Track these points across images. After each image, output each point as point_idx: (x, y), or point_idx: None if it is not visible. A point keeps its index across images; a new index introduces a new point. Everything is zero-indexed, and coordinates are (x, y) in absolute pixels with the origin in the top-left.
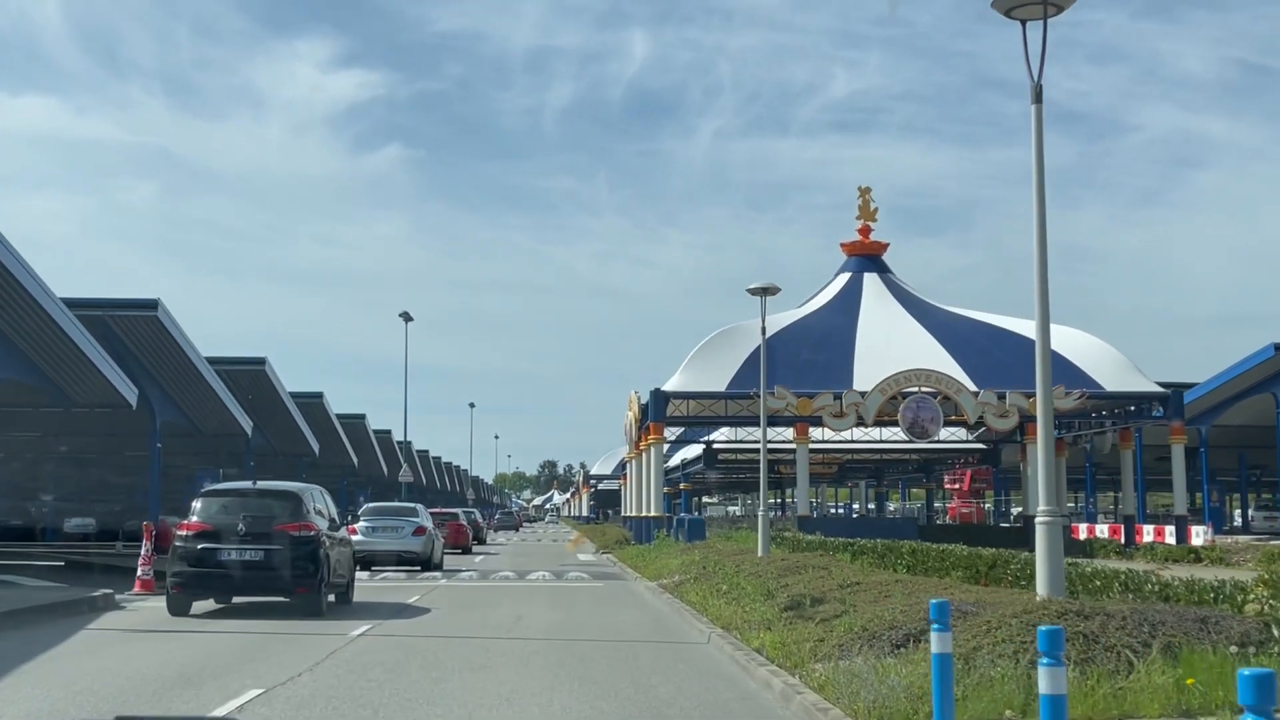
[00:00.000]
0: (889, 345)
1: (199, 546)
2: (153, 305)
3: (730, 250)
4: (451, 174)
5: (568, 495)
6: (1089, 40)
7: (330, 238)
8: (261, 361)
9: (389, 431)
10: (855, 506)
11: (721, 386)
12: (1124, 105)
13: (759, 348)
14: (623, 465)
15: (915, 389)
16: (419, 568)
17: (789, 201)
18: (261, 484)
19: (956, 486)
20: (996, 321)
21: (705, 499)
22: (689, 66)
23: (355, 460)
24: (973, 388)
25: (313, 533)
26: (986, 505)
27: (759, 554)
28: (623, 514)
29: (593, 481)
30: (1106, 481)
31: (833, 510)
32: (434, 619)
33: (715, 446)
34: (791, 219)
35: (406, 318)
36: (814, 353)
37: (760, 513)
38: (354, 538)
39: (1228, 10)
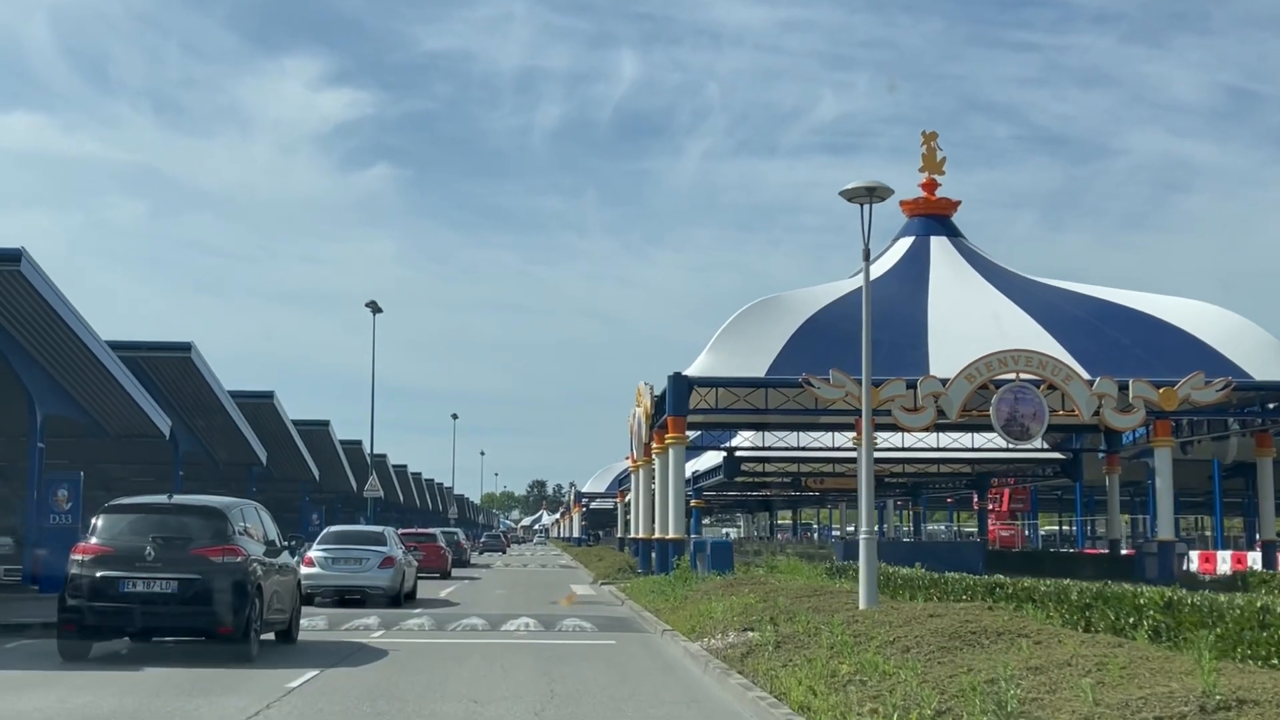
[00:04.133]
0: (969, 322)
1: (97, 575)
2: (186, 348)
3: (718, 271)
4: (440, 194)
5: (557, 515)
6: (1076, 64)
7: (318, 257)
8: (187, 347)
9: (359, 442)
10: (883, 528)
11: (760, 372)
12: (1111, 129)
13: (808, 323)
14: (621, 480)
15: (1012, 376)
16: (386, 604)
17: (777, 223)
18: (179, 498)
19: (993, 506)
20: (1108, 295)
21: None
22: (678, 88)
23: (316, 473)
24: (1085, 375)
25: (239, 558)
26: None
27: (861, 604)
28: (620, 535)
29: (584, 500)
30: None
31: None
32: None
33: (739, 454)
34: (779, 240)
35: (374, 308)
36: (876, 331)
37: (863, 537)
38: (309, 570)
39: (1215, 35)
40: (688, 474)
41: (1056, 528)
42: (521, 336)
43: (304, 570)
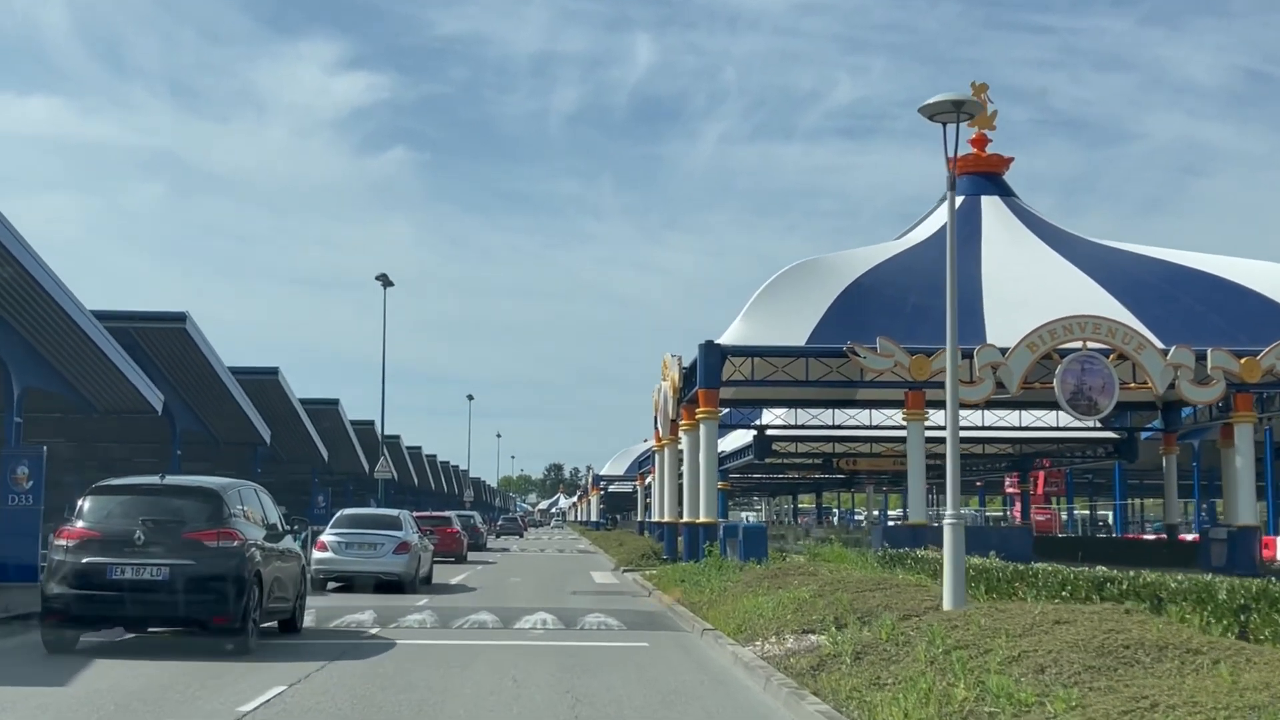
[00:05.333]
0: (1027, 287)
1: (83, 561)
2: (181, 318)
3: (734, 256)
4: (456, 177)
5: (574, 499)
6: (1093, 48)
7: (334, 240)
8: (182, 317)
9: (370, 422)
10: (892, 513)
11: (799, 340)
12: (1129, 113)
13: (851, 288)
14: (641, 462)
15: (1078, 344)
16: (401, 591)
17: (793, 208)
18: (171, 478)
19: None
20: (1180, 258)
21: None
22: (694, 71)
23: (325, 454)
24: (1159, 344)
25: (236, 543)
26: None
27: (946, 603)
28: (640, 519)
29: (603, 484)
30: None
31: (857, 517)
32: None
33: (770, 432)
34: (795, 225)
35: (385, 281)
36: (925, 297)
37: (949, 522)
38: (321, 555)
39: (1233, 18)
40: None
41: (1087, 512)
42: (538, 320)
43: (316, 555)
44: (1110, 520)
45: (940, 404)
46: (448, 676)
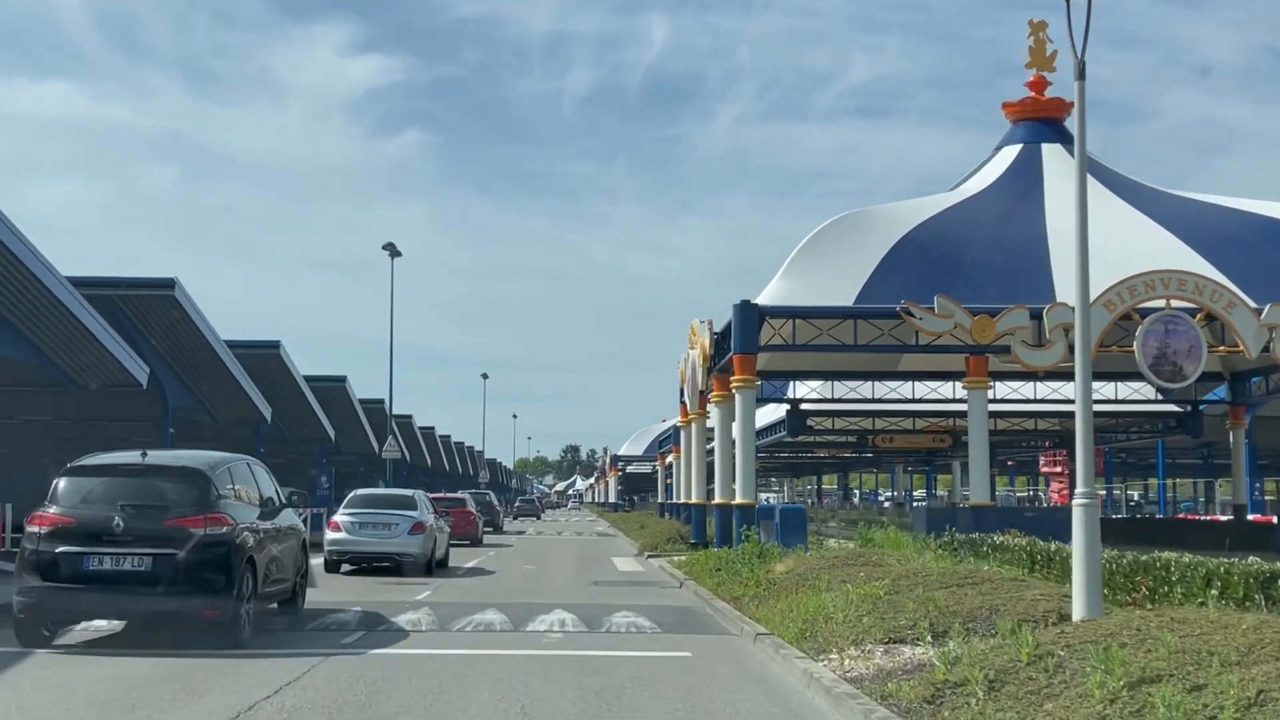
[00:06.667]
0: (1099, 243)
1: (57, 550)
2: (170, 284)
3: (749, 238)
4: (470, 160)
5: (591, 480)
6: (1111, 26)
7: (349, 224)
8: (171, 284)
9: (380, 402)
10: (917, 494)
11: (846, 300)
12: (1147, 91)
13: (903, 242)
14: (661, 442)
15: (1161, 303)
16: (420, 573)
17: (808, 189)
18: (154, 456)
19: (1059, 470)
20: (1267, 210)
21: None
22: (708, 52)
23: (331, 433)
24: (1251, 302)
25: (225, 529)
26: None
27: (1079, 611)
28: (661, 500)
29: (621, 464)
30: None
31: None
32: None
33: (804, 406)
34: (811, 207)
35: (393, 251)
36: (986, 253)
37: (1079, 504)
38: (334, 535)
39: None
40: (733, 435)
41: (1133, 493)
42: (554, 303)
43: (329, 535)
44: (1131, 500)
45: (1003, 374)
46: (437, 710)
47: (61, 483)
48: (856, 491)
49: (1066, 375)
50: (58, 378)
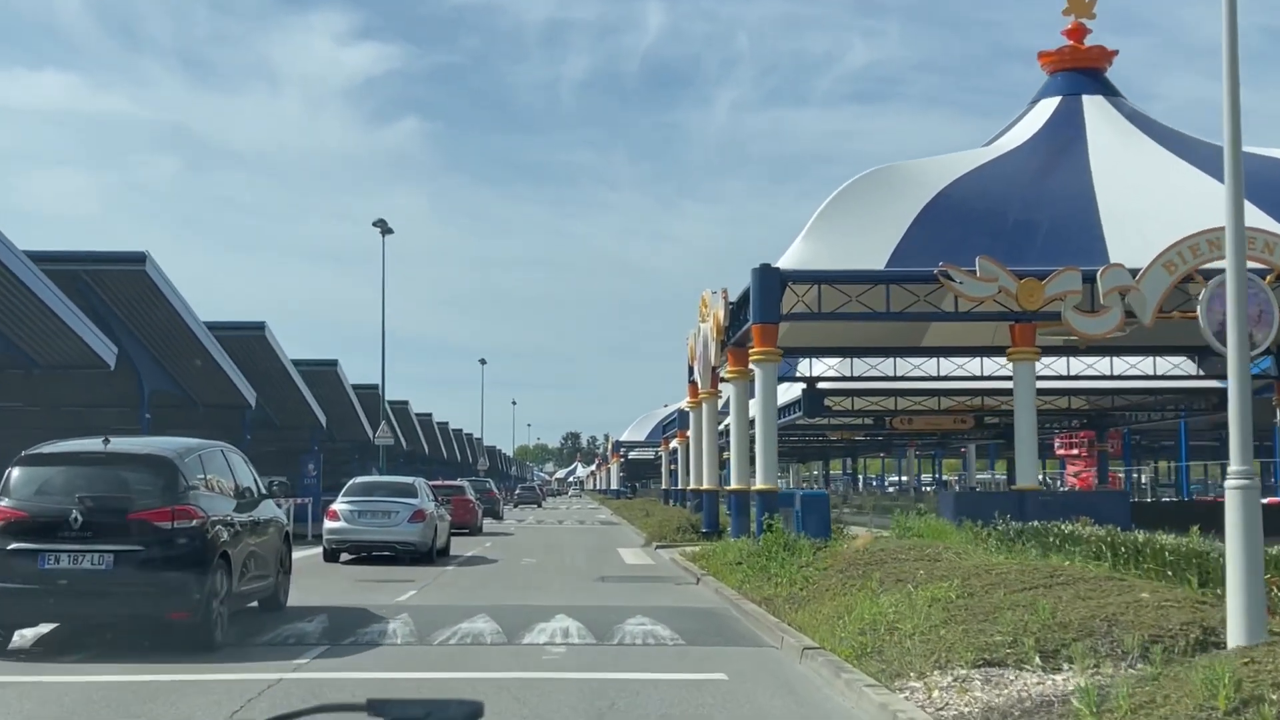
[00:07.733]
0: (1152, 200)
1: (9, 547)
2: (140, 258)
3: (749, 224)
4: (469, 148)
5: (592, 467)
6: (1110, 8)
7: (349, 213)
8: (142, 258)
9: (374, 387)
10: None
11: (878, 264)
12: (1146, 75)
13: (937, 200)
14: (665, 427)
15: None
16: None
17: (808, 174)
18: (117, 443)
19: (1076, 452)
20: None
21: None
22: (705, 37)
23: (323, 419)
24: None
25: (195, 521)
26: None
27: (1235, 634)
28: (665, 487)
29: (623, 450)
30: None
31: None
32: None
33: (822, 386)
34: (810, 192)
35: (384, 227)
36: (1029, 211)
37: (1233, 486)
38: (333, 525)
39: None
40: (750, 414)
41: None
42: (554, 291)
43: (328, 525)
44: (1148, 483)
45: (1058, 350)
46: None
47: (14, 473)
48: (860, 477)
49: (1110, 349)
50: (16, 358)
